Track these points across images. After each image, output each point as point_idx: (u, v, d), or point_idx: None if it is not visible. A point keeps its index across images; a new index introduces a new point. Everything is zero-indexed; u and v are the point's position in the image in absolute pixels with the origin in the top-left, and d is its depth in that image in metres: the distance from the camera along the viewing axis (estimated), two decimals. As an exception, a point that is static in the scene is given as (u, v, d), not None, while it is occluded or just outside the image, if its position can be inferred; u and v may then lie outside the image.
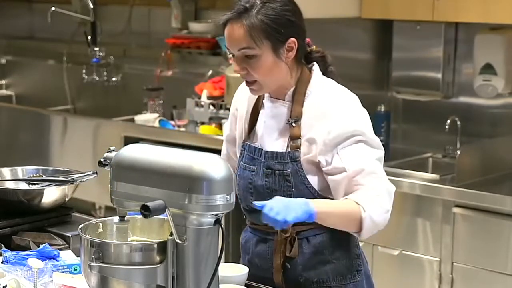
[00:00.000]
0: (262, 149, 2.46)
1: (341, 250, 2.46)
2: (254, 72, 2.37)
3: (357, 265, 2.49)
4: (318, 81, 2.45)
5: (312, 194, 2.39)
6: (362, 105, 2.45)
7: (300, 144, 2.39)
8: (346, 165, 2.34)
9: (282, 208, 2.19)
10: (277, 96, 2.46)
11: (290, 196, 2.37)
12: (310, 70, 2.47)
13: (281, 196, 2.33)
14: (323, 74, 2.48)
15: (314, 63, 2.48)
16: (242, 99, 2.58)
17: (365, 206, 2.31)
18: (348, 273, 2.46)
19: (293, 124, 2.41)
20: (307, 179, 2.39)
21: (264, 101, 2.51)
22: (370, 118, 2.44)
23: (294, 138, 2.41)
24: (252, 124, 2.52)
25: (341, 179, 2.35)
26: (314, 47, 2.50)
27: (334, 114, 2.37)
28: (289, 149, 2.41)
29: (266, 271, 2.48)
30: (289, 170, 2.39)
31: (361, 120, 2.40)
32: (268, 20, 2.34)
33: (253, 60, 2.36)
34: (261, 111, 2.51)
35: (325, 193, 2.40)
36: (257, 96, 2.52)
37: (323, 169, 2.38)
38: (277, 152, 2.42)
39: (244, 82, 2.47)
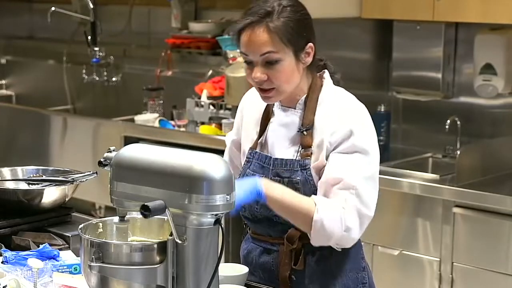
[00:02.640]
0: (271, 157, 2.40)
1: (347, 263, 2.42)
2: (275, 78, 2.30)
3: (362, 278, 2.45)
4: (329, 89, 2.41)
5: None
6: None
7: (311, 153, 2.33)
8: (330, 171, 2.29)
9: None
10: (288, 105, 2.41)
11: None
12: (321, 77, 2.42)
13: None
14: None
15: (325, 70, 2.43)
16: (249, 106, 2.53)
17: (320, 209, 2.24)
18: (354, 286, 2.42)
19: (305, 133, 2.35)
20: (317, 187, 2.33)
21: (274, 109, 2.45)
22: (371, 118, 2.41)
23: (305, 146, 2.35)
24: (261, 132, 2.46)
25: (321, 184, 2.31)
26: None
27: (341, 119, 2.32)
28: (299, 157, 2.35)
29: (270, 283, 2.43)
30: (298, 178, 2.33)
31: (367, 133, 2.34)
32: (291, 23, 2.28)
33: (276, 65, 2.29)
34: (272, 119, 2.45)
35: None
36: (266, 104, 2.45)
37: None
38: (286, 159, 2.37)
39: (252, 89, 2.43)
